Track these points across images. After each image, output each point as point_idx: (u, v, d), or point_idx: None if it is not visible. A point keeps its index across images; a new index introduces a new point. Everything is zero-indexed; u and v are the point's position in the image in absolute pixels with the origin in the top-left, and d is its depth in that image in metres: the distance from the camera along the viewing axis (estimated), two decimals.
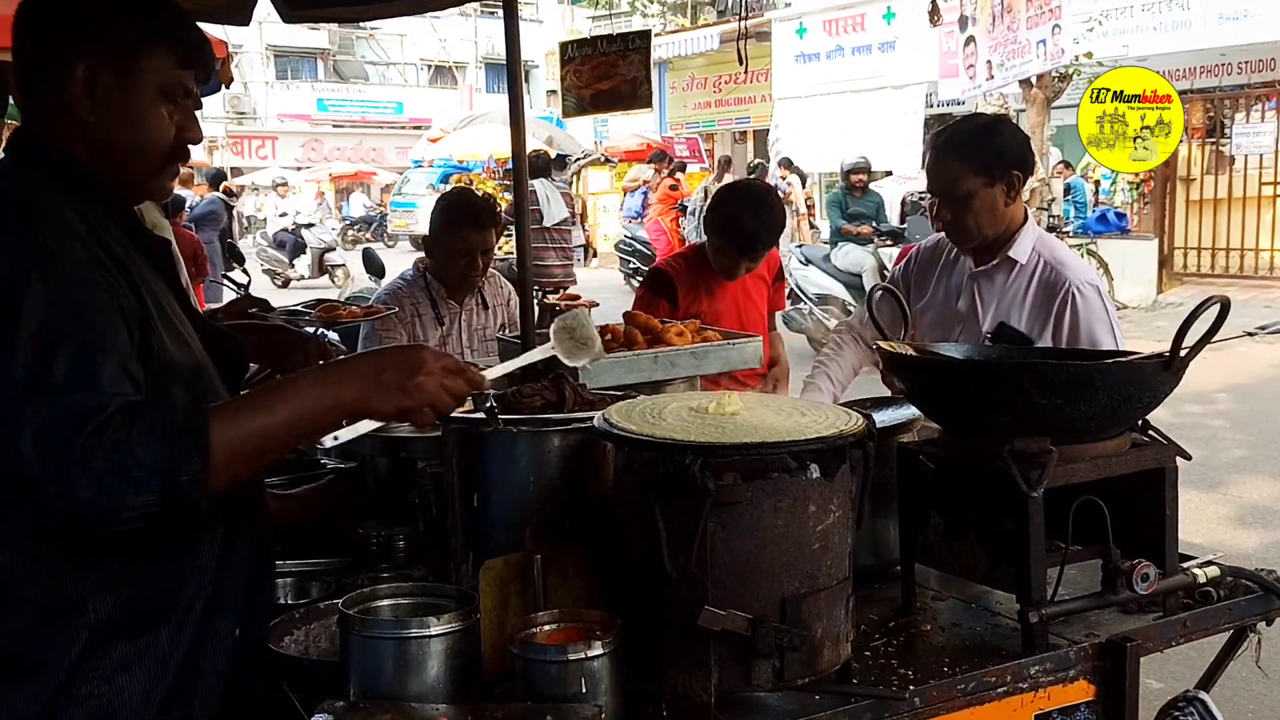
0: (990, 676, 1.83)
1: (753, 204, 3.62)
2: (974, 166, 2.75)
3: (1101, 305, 2.76)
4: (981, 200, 2.76)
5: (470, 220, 3.84)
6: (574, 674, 1.57)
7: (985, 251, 2.88)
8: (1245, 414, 8.60)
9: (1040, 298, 2.77)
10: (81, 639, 1.51)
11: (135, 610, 1.55)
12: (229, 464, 1.45)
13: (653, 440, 1.63)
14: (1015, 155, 2.77)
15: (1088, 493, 1.92)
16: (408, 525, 2.41)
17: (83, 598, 1.51)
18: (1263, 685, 3.80)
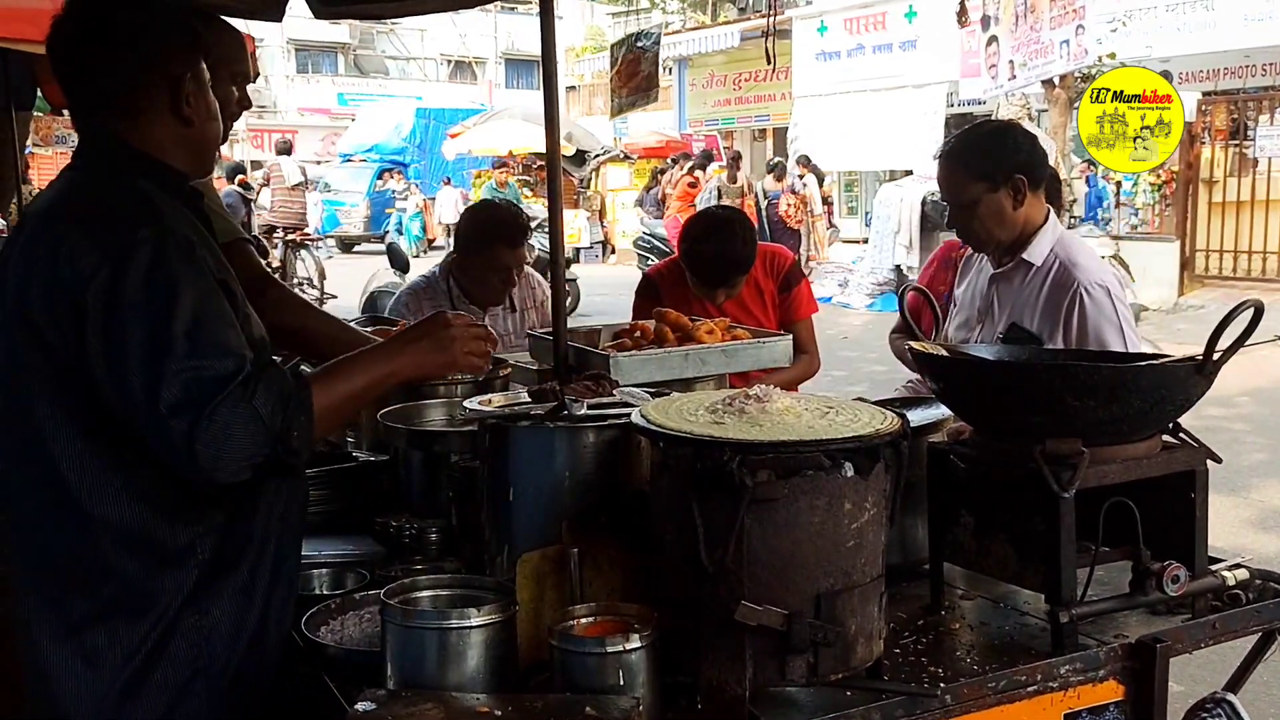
0: (1021, 675, 1.85)
1: (716, 236, 3.54)
2: (976, 173, 2.77)
3: (1111, 307, 2.75)
4: (986, 206, 2.77)
5: (504, 238, 3.80)
6: (612, 666, 1.59)
7: (1004, 254, 2.89)
8: (1267, 418, 8.56)
9: (1051, 299, 2.78)
10: (191, 578, 1.79)
11: (228, 551, 1.83)
12: (325, 422, 1.78)
13: (691, 437, 1.65)
14: (1019, 160, 2.77)
15: (1118, 494, 1.94)
16: (440, 518, 2.44)
17: (193, 541, 1.79)
18: None
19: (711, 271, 3.60)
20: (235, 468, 1.66)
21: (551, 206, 2.62)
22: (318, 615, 2.05)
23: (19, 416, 1.79)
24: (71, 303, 1.68)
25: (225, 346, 1.69)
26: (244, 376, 1.66)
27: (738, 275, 3.63)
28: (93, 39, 1.80)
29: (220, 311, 1.73)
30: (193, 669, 1.81)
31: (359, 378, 1.87)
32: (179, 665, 1.79)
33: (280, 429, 1.67)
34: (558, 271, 2.61)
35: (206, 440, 1.62)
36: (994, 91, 14.29)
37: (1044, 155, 2.85)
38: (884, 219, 15.07)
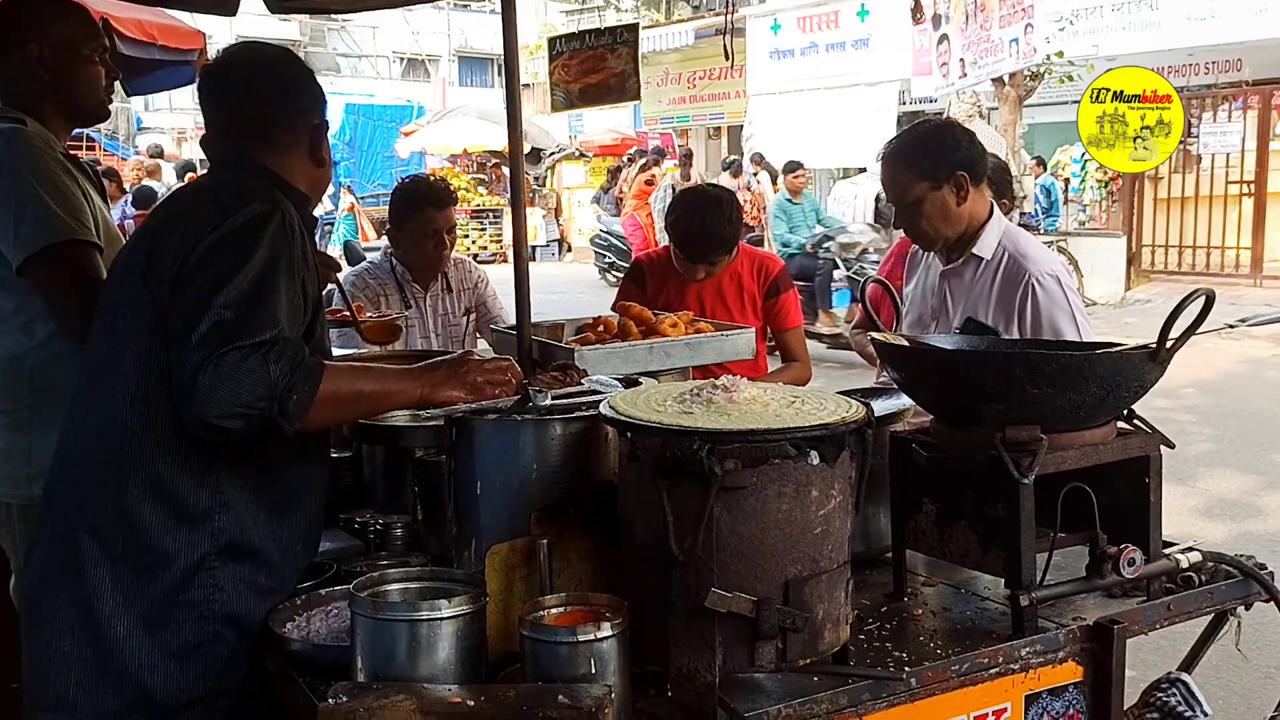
0: (983, 658, 1.88)
1: (701, 210, 3.66)
2: (919, 172, 2.81)
3: (1062, 295, 2.80)
4: (931, 204, 2.82)
5: (431, 200, 3.93)
6: (583, 655, 1.60)
7: (953, 250, 2.93)
8: (1213, 409, 8.75)
9: (1004, 291, 2.83)
10: (205, 542, 1.94)
11: (247, 525, 1.98)
12: (325, 405, 1.85)
13: (660, 427, 1.67)
14: (959, 157, 2.81)
15: (1075, 480, 1.98)
16: (405, 514, 2.44)
17: (212, 509, 1.94)
18: (1233, 673, 3.89)
19: (695, 245, 3.69)
20: (227, 409, 1.75)
21: (514, 201, 2.62)
22: (283, 612, 2.04)
23: (109, 362, 1.99)
24: (190, 246, 1.90)
25: (272, 314, 1.83)
26: (271, 339, 1.79)
27: (720, 253, 3.73)
28: (255, 82, 2.13)
29: (285, 290, 1.88)
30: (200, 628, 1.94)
31: (371, 383, 1.96)
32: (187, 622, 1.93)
33: (282, 389, 1.77)
34: (521, 268, 2.61)
35: (210, 373, 1.73)
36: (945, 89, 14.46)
37: (983, 151, 2.89)
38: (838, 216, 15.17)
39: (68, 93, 2.69)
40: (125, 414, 1.95)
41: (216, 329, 1.77)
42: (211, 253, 1.87)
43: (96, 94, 2.74)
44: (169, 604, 1.92)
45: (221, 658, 1.96)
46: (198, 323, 1.78)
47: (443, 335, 3.99)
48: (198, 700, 1.94)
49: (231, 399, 1.74)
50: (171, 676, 1.93)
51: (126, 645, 1.91)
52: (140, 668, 1.91)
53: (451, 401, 1.99)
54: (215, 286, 1.82)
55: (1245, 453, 7.53)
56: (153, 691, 1.92)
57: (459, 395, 1.99)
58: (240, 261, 1.85)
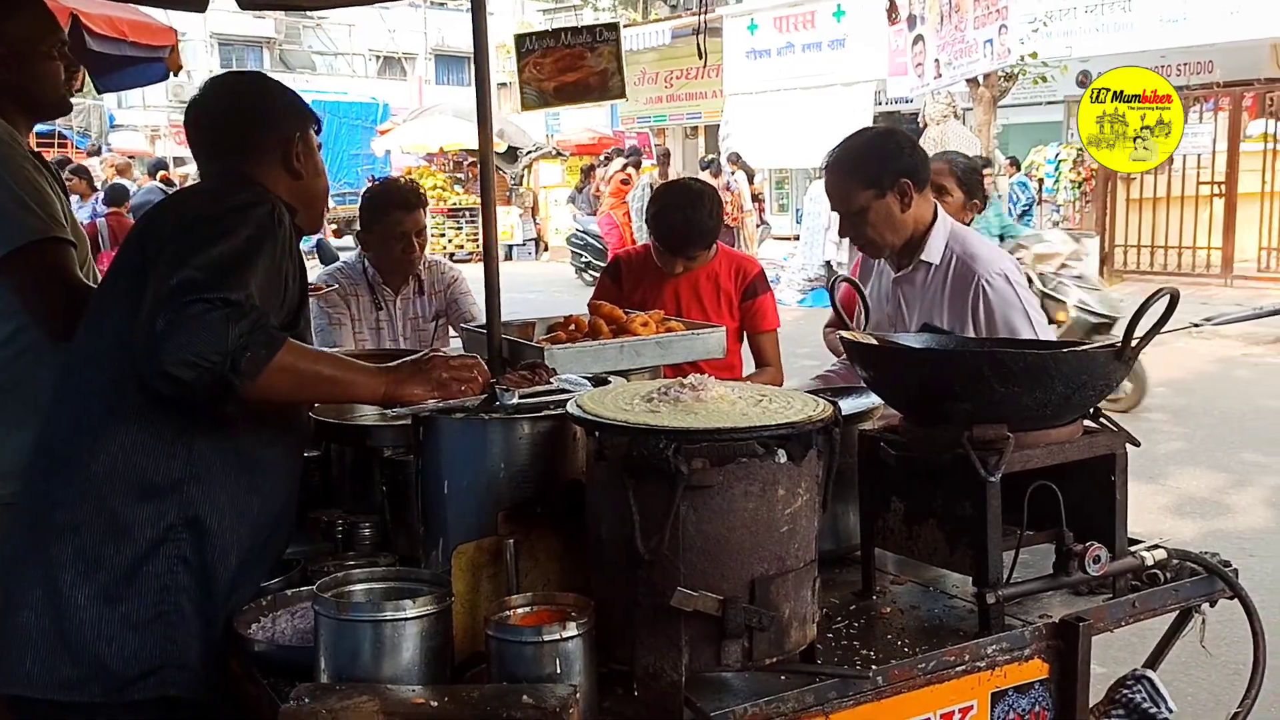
0: (949, 656, 1.89)
1: (683, 203, 3.67)
2: (862, 181, 2.81)
3: (1013, 292, 2.81)
4: (876, 212, 2.82)
5: (399, 202, 3.91)
6: (549, 655, 1.60)
7: (901, 257, 2.94)
8: (1183, 407, 8.83)
9: (955, 294, 2.83)
10: (172, 513, 1.95)
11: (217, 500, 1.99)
12: (278, 375, 1.84)
13: (627, 425, 1.66)
14: (902, 164, 2.81)
15: (1042, 478, 1.99)
16: (373, 513, 2.42)
17: (182, 480, 1.96)
18: (1201, 669, 3.93)
19: (674, 238, 3.69)
20: (180, 356, 1.76)
21: (484, 200, 2.61)
22: (248, 613, 2.03)
23: (92, 353, 2.05)
24: (178, 227, 1.98)
25: (243, 280, 1.86)
26: (236, 300, 1.81)
27: (699, 247, 3.73)
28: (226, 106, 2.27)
29: (263, 269, 1.92)
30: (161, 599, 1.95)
31: (332, 368, 1.98)
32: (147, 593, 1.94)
33: (237, 346, 1.78)
34: (491, 266, 2.60)
35: (169, 319, 1.76)
36: (920, 90, 14.52)
37: (924, 157, 2.89)
38: (814, 215, 15.21)
39: (27, 89, 2.67)
40: (100, 389, 1.99)
41: (184, 284, 1.80)
42: (195, 226, 1.95)
43: (56, 89, 2.72)
44: (131, 574, 1.94)
45: (178, 631, 1.96)
46: (169, 279, 1.82)
47: (411, 339, 3.97)
48: (152, 671, 1.95)
49: (186, 346, 1.76)
50: (128, 646, 1.93)
51: (86, 615, 1.92)
52: (98, 638, 1.93)
53: (416, 399, 1.98)
54: (192, 252, 1.86)
55: (1216, 451, 7.59)
56: (109, 661, 1.93)
57: (424, 392, 1.99)
58: (222, 235, 1.91)
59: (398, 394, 1.99)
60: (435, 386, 1.99)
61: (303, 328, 2.16)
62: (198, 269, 1.83)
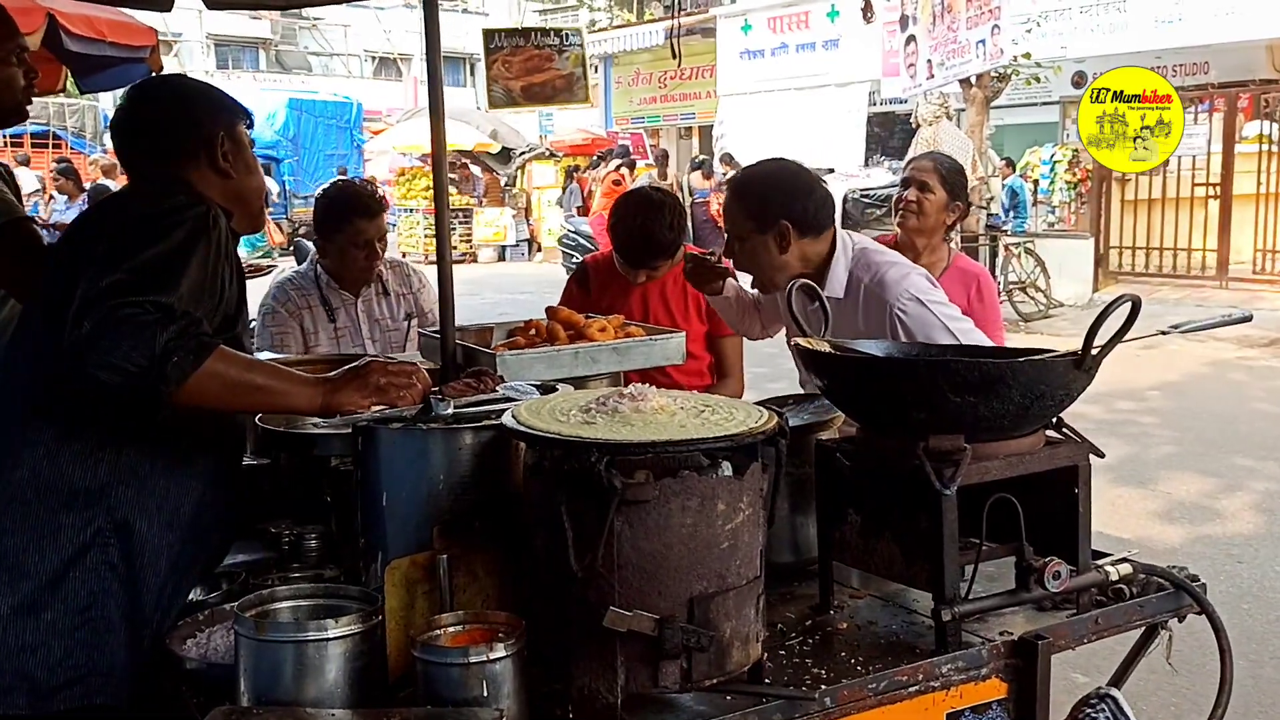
0: (902, 676, 1.83)
1: (641, 214, 3.59)
2: (744, 211, 2.74)
3: (927, 313, 2.67)
4: (752, 245, 2.73)
5: (360, 210, 3.74)
6: (475, 677, 1.53)
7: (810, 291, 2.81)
8: (1175, 411, 8.76)
9: (872, 325, 2.71)
10: (99, 518, 1.91)
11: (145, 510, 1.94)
12: (206, 382, 1.78)
13: (559, 438, 1.60)
14: (788, 208, 2.69)
15: (1002, 490, 1.92)
16: (319, 524, 2.36)
17: (108, 485, 1.92)
18: (1184, 679, 3.86)
19: (633, 249, 3.63)
20: (105, 360, 1.70)
21: (438, 202, 2.55)
22: (184, 627, 1.96)
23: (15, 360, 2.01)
24: (109, 228, 1.92)
25: (173, 283, 1.81)
26: (165, 305, 1.76)
27: (658, 257, 3.66)
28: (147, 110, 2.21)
29: (195, 273, 1.86)
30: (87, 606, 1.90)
31: (265, 377, 1.92)
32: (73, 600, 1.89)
33: (163, 350, 1.72)
34: (445, 270, 2.54)
35: (96, 322, 1.71)
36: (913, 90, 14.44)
37: (822, 201, 2.76)
38: None
39: None
40: (23, 391, 1.95)
41: (113, 286, 1.75)
42: (128, 228, 1.89)
43: (13, 96, 2.69)
44: (56, 581, 1.89)
45: (104, 638, 1.92)
46: (97, 281, 1.76)
47: (380, 341, 3.84)
48: (78, 680, 1.90)
49: (111, 350, 1.70)
50: (53, 654, 1.89)
51: (10, 624, 1.87)
52: (22, 648, 1.88)
53: (355, 407, 1.92)
54: (123, 255, 1.82)
55: (1206, 455, 7.53)
56: (32, 670, 1.88)
57: (360, 400, 1.93)
58: (155, 237, 1.86)
59: (335, 402, 1.92)
60: (373, 393, 1.93)
61: (240, 331, 2.09)
62: (127, 272, 1.78)
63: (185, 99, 2.22)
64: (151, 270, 1.80)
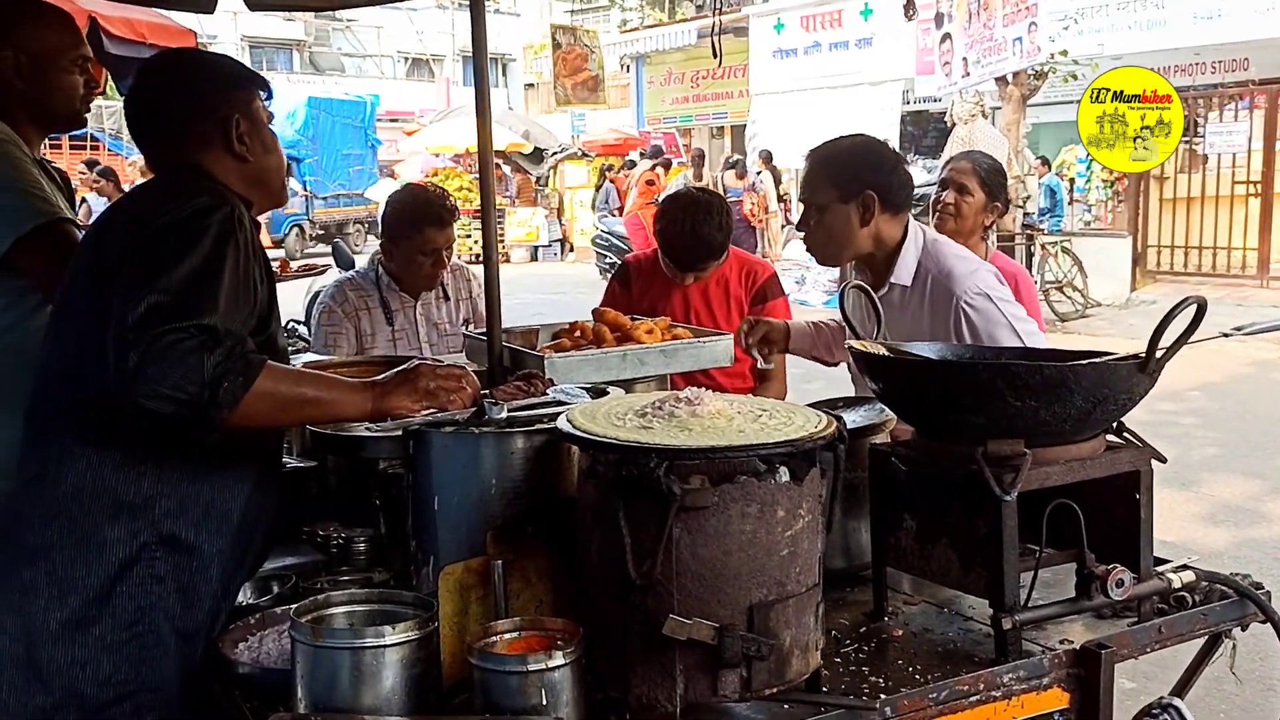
0: (963, 685, 1.79)
1: (690, 216, 3.56)
2: (829, 178, 2.70)
3: (996, 310, 2.63)
4: (833, 215, 2.69)
5: (432, 219, 3.72)
6: (534, 685, 1.52)
7: (875, 277, 2.78)
8: (1218, 412, 8.63)
9: (935, 318, 2.67)
10: (145, 532, 1.88)
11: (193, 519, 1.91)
12: (258, 402, 1.77)
13: (616, 443, 1.58)
14: (876, 178, 2.67)
15: (1061, 496, 1.89)
16: (368, 527, 2.35)
17: (154, 497, 1.88)
18: (1234, 685, 3.79)
19: (682, 251, 3.61)
20: (155, 390, 1.68)
21: (484, 205, 2.54)
22: (235, 631, 1.96)
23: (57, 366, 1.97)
24: (134, 235, 1.86)
25: (213, 300, 1.78)
26: (209, 325, 1.73)
27: (708, 259, 3.64)
28: (159, 90, 2.10)
29: (229, 280, 1.82)
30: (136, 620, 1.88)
31: (315, 388, 1.89)
32: (121, 614, 1.87)
33: (213, 376, 1.71)
34: (491, 272, 2.53)
35: (141, 352, 1.68)
36: (948, 89, 14.33)
37: (905, 181, 2.73)
38: None
39: (43, 101, 2.64)
40: (63, 405, 1.92)
41: (154, 311, 1.72)
42: (156, 240, 1.84)
43: (72, 103, 2.68)
44: (105, 596, 1.86)
45: (154, 652, 1.90)
46: (135, 305, 1.73)
47: (437, 345, 3.81)
48: (127, 695, 1.88)
49: (160, 380, 1.68)
50: (103, 670, 1.87)
51: (59, 639, 1.86)
52: (72, 663, 1.86)
53: (404, 410, 1.91)
54: (156, 272, 1.77)
55: (1250, 457, 7.41)
56: (82, 687, 1.86)
57: (410, 404, 1.92)
58: (184, 249, 1.81)
59: (385, 408, 1.91)
60: (423, 396, 1.92)
61: (274, 330, 2.05)
62: (164, 292, 1.74)
63: (195, 79, 2.10)
64: (187, 290, 1.76)
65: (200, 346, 1.71)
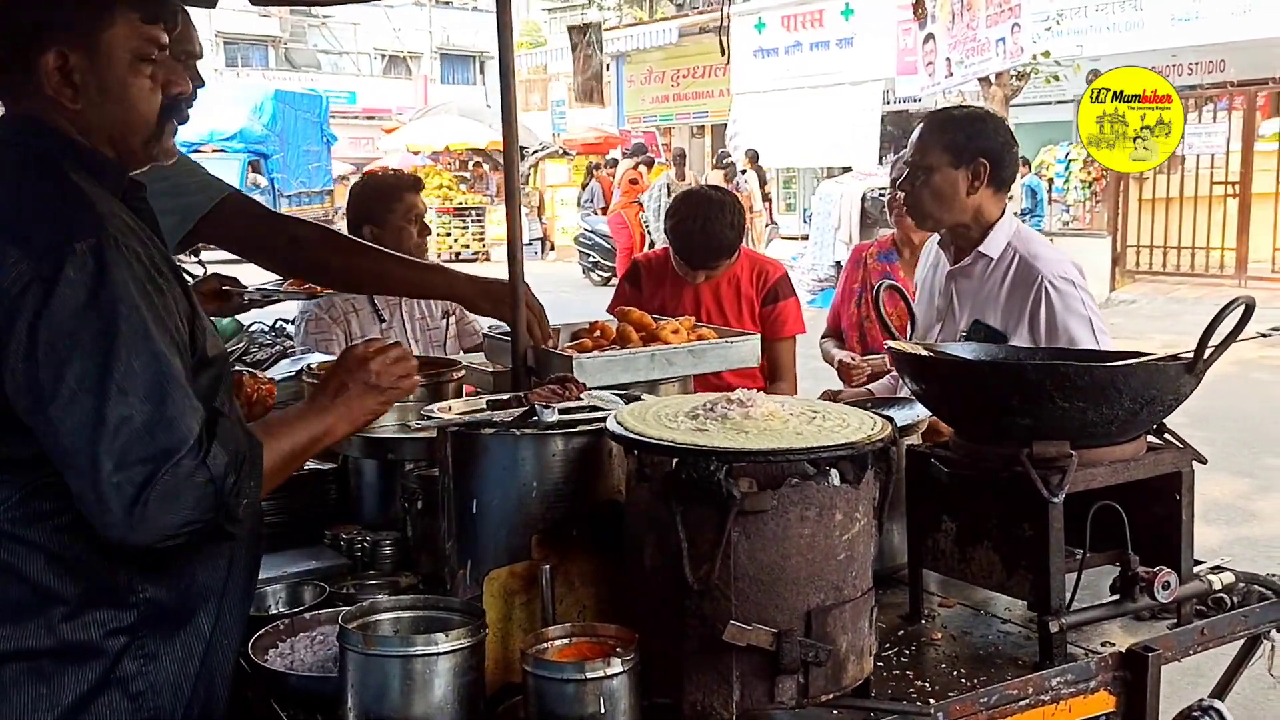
0: (1012, 689, 1.77)
1: (704, 215, 3.54)
2: (944, 142, 2.75)
3: (1078, 299, 2.67)
4: (941, 177, 2.73)
5: (407, 184, 3.80)
6: (592, 694, 1.49)
7: (960, 249, 2.83)
8: (1203, 411, 8.66)
9: (1014, 293, 2.70)
10: (129, 618, 1.59)
11: (173, 597, 1.63)
12: (270, 482, 1.65)
13: (675, 445, 1.55)
14: (989, 146, 2.73)
15: (1105, 497, 1.87)
16: (394, 530, 2.31)
17: (130, 582, 1.58)
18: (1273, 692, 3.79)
19: (694, 249, 3.58)
20: (168, 532, 1.46)
21: (509, 203, 2.50)
22: (265, 637, 1.91)
23: None
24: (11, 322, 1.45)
25: (179, 392, 1.49)
26: (196, 438, 1.47)
27: (719, 258, 3.61)
28: None
29: (162, 338, 1.50)
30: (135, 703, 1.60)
31: (302, 433, 1.74)
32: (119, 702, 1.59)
33: (230, 493, 1.50)
34: (515, 270, 2.49)
35: (149, 503, 1.43)
36: (931, 89, 14.40)
37: (1016, 158, 2.79)
38: (825, 215, 15.10)
39: None
40: None
41: (133, 443, 1.43)
42: (60, 344, 1.45)
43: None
44: (98, 690, 1.58)
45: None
46: (99, 438, 1.43)
47: (423, 341, 3.79)
48: None
49: (177, 522, 1.46)
50: None
51: None
52: None
53: (376, 414, 1.84)
54: (97, 384, 1.44)
55: (1237, 456, 7.47)
56: None
57: (378, 405, 1.83)
58: (107, 351, 1.45)
59: (360, 423, 1.82)
60: (383, 394, 1.82)
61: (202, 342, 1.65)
62: (126, 408, 1.44)
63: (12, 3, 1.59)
64: (149, 393, 1.45)
65: (204, 467, 1.47)
